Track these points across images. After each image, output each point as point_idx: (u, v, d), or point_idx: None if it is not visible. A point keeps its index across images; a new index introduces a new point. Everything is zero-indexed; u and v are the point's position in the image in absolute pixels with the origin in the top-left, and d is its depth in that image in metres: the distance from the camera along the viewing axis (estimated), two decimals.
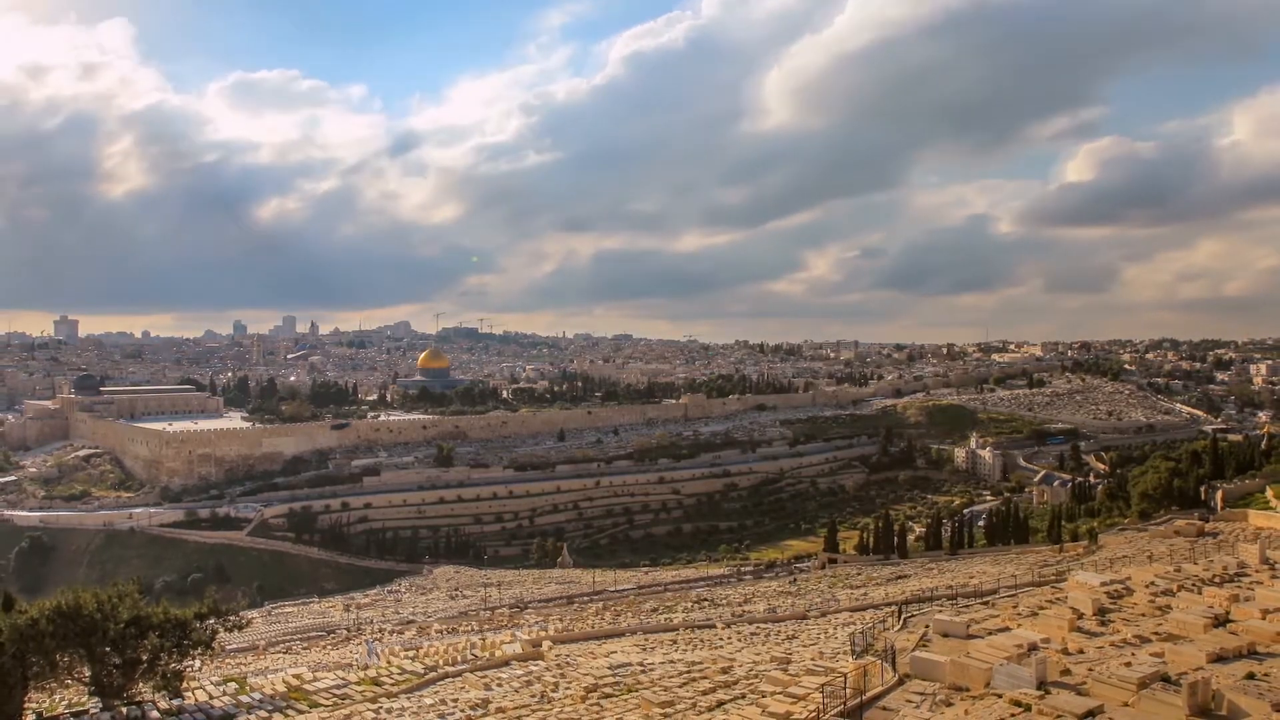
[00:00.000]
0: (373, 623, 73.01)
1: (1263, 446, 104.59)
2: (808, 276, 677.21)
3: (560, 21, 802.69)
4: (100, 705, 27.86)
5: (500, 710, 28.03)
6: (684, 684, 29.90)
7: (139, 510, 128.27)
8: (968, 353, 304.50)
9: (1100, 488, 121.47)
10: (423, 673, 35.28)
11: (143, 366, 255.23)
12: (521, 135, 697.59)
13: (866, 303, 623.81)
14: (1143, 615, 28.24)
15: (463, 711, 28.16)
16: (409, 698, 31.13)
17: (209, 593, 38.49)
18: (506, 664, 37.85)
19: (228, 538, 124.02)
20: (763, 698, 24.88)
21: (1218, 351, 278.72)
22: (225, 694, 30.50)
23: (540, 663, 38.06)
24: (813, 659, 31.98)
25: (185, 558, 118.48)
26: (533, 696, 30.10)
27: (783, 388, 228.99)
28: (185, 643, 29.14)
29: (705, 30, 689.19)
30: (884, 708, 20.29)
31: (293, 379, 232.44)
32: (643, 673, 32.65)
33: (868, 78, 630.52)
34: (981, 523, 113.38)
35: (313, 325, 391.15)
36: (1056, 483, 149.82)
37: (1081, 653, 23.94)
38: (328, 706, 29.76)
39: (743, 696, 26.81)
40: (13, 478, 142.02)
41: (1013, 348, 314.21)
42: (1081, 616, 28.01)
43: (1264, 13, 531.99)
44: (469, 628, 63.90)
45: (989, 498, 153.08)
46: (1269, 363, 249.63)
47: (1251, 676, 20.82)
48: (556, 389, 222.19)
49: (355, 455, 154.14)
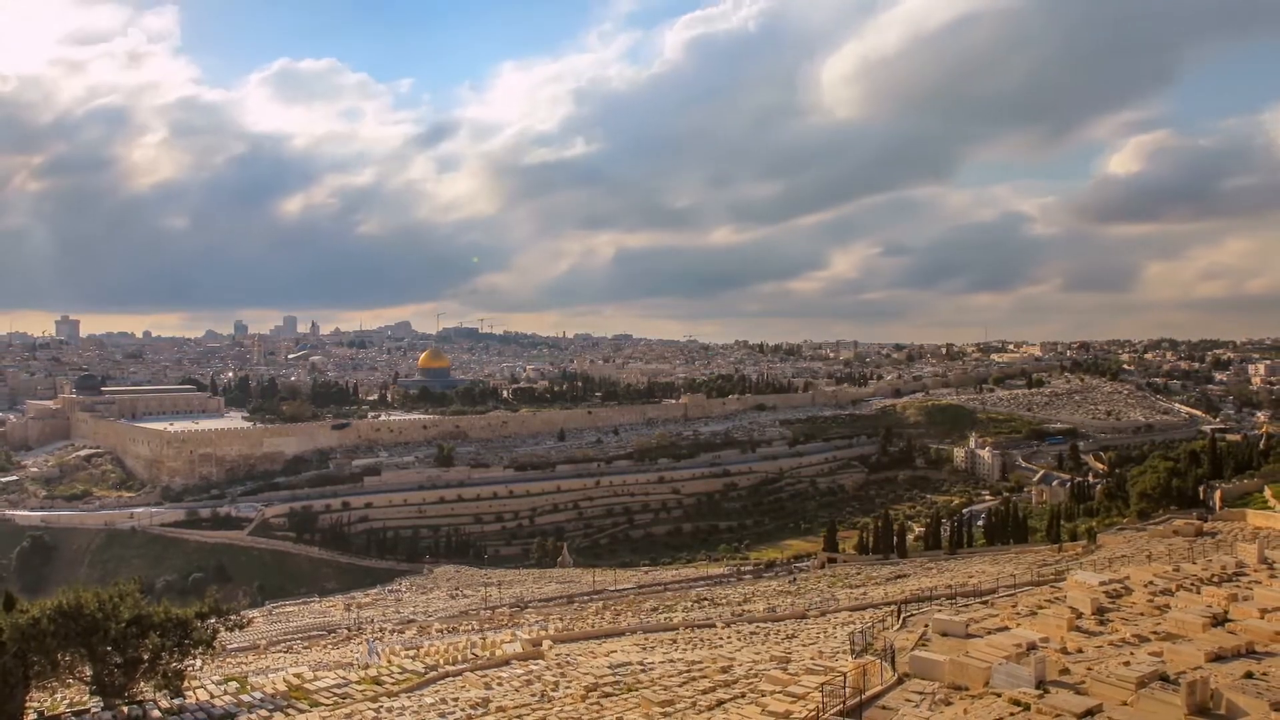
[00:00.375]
0: (373, 622, 73.02)
1: (1261, 446, 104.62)
2: (827, 275, 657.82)
3: (627, 9, 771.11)
4: (101, 704, 27.89)
5: (500, 709, 28.09)
6: (684, 683, 29.95)
7: (140, 510, 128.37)
8: (967, 353, 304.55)
9: (1099, 487, 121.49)
10: (423, 672, 35.32)
11: (144, 366, 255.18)
12: (564, 127, 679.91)
13: (880, 302, 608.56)
14: (1141, 615, 28.29)
15: (463, 710, 28.22)
16: (409, 697, 31.17)
17: (210, 592, 38.59)
18: (507, 663, 37.90)
19: (229, 537, 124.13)
20: (762, 697, 24.94)
21: (1216, 351, 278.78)
22: (226, 693, 30.54)
23: (540, 662, 38.11)
24: (812, 658, 32.04)
25: (186, 557, 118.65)
26: (533, 696, 30.15)
27: (782, 388, 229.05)
28: (186, 642, 29.15)
29: (771, 13, 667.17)
30: (883, 707, 20.34)
31: (293, 379, 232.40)
32: (643, 672, 32.69)
33: (927, 65, 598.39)
34: (980, 522, 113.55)
35: (313, 325, 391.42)
36: (1055, 482, 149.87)
37: (1080, 652, 23.98)
38: (328, 706, 29.80)
39: (742, 696, 26.86)
40: (14, 477, 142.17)
41: (1011, 348, 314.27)
42: (1080, 616, 28.03)
43: None
44: (469, 627, 63.94)
45: (988, 497, 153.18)
46: (1267, 363, 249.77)
47: (1250, 676, 20.83)
48: (557, 389, 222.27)
49: (356, 455, 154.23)
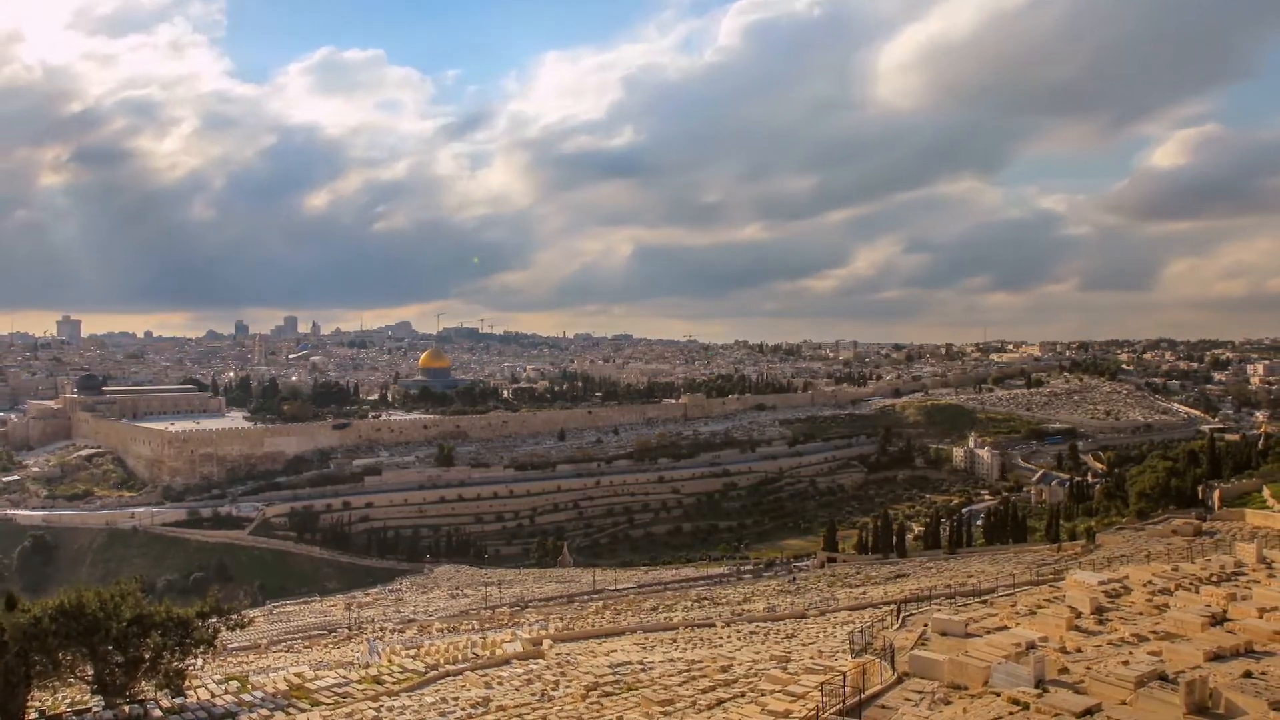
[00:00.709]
0: (374, 621, 73.08)
1: (1260, 446, 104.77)
2: (844, 273, 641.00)
3: None
4: (103, 704, 27.95)
5: (501, 708, 28.15)
6: (684, 682, 30.02)
7: (141, 509, 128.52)
8: (966, 353, 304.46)
9: (1098, 487, 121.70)
10: (424, 671, 35.37)
11: (145, 366, 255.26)
12: (609, 117, 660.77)
13: (894, 300, 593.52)
14: (1140, 614, 28.33)
15: (463, 710, 28.27)
16: (410, 696, 31.22)
17: (211, 591, 38.67)
18: (507, 662, 37.92)
19: (230, 537, 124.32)
20: (762, 696, 25.01)
21: (1215, 351, 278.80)
22: (227, 692, 30.60)
23: (541, 661, 38.15)
24: (812, 657, 32.09)
25: (187, 557, 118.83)
26: (533, 695, 30.20)
27: (782, 388, 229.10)
28: (187, 641, 29.19)
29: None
30: (883, 706, 20.38)
31: (294, 379, 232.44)
32: (643, 671, 32.75)
33: (986, 54, 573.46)
34: (980, 522, 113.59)
35: (314, 325, 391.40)
36: (1054, 482, 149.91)
37: (1079, 651, 24.01)
38: (329, 705, 29.85)
39: (742, 695, 26.93)
40: (16, 477, 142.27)
41: (1011, 348, 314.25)
42: (1079, 615, 28.06)
43: None
44: (470, 626, 63.95)
45: (987, 497, 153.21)
46: (1266, 363, 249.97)
47: (1249, 675, 20.85)
48: (557, 389, 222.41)
49: (356, 455, 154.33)
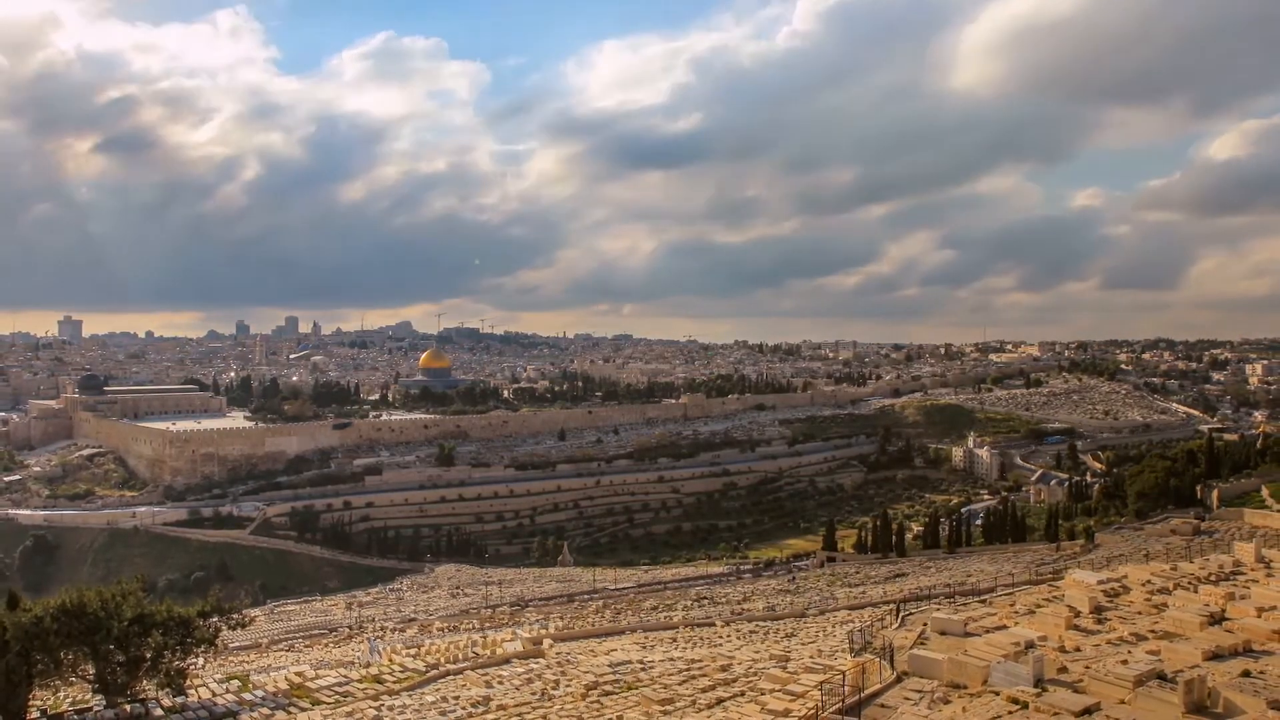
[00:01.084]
0: (375, 621, 73.21)
1: (1258, 446, 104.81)
2: (866, 271, 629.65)
3: None
4: (104, 703, 28.08)
5: (501, 707, 28.23)
6: (683, 681, 30.11)
7: (142, 509, 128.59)
8: (965, 353, 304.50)
9: (1097, 487, 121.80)
10: (424, 670, 35.48)
11: (146, 366, 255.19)
12: (669, 104, 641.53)
13: (912, 299, 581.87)
14: (1139, 613, 28.38)
15: (464, 709, 28.36)
16: (410, 695, 31.32)
17: (212, 591, 38.85)
18: (507, 662, 38.03)
19: (231, 536, 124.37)
20: (762, 695, 25.10)
21: (1214, 351, 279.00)
22: (228, 691, 30.71)
23: (541, 660, 38.24)
24: (811, 657, 32.19)
25: (188, 556, 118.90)
26: (533, 694, 30.29)
27: (781, 387, 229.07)
28: (189, 640, 29.34)
29: None
30: (882, 705, 20.44)
31: (295, 379, 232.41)
32: (643, 670, 32.84)
33: (1065, 40, 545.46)
34: (979, 521, 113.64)
35: (315, 325, 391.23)
36: (1054, 482, 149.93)
37: (1078, 650, 24.07)
38: (330, 704, 29.95)
39: (742, 694, 27.02)
40: (17, 477, 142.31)
41: (1010, 348, 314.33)
42: (1078, 614, 28.11)
43: None
44: (470, 626, 64.06)
45: (986, 497, 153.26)
46: (1264, 363, 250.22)
47: (1247, 674, 20.89)
48: (557, 389, 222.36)
49: (357, 454, 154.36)
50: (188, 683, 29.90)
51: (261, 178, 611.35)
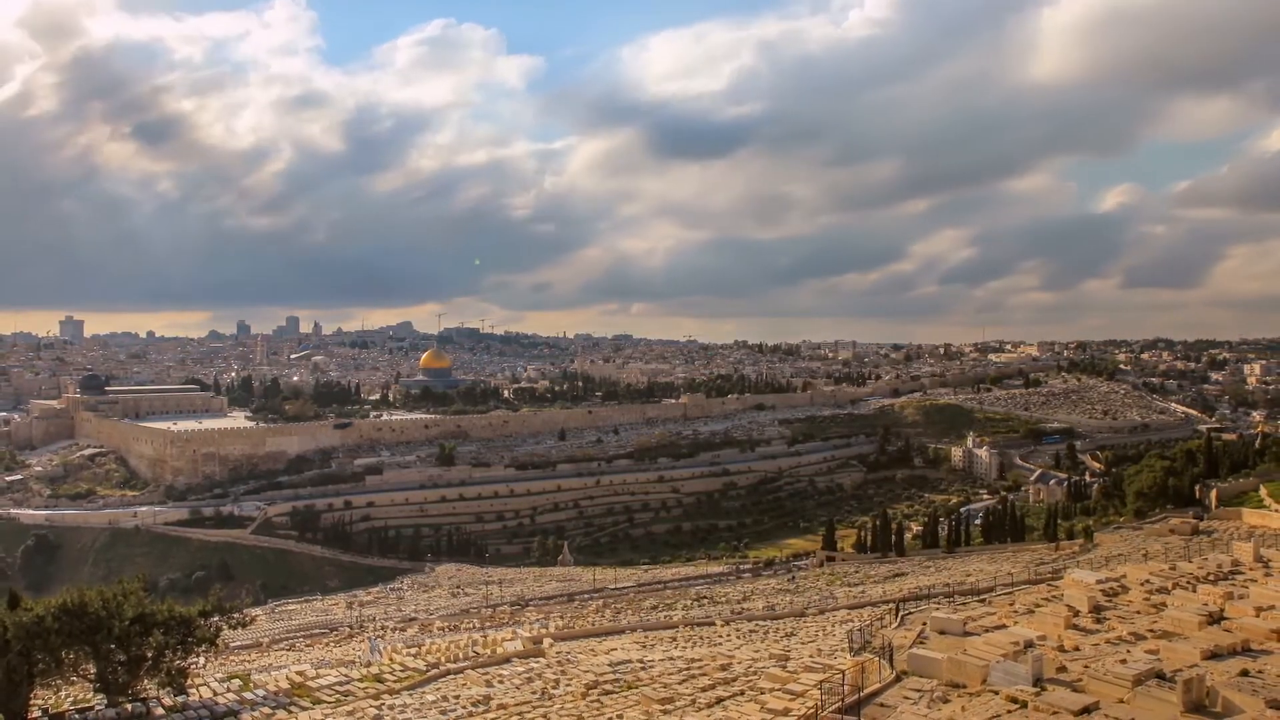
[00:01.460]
0: (375, 620, 73.26)
1: (1256, 446, 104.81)
2: (885, 270, 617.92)
3: None
4: (105, 702, 28.12)
5: (501, 707, 28.29)
6: (683, 681, 30.17)
7: (144, 509, 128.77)
8: (965, 353, 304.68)
9: (1096, 486, 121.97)
10: (425, 670, 35.53)
11: (147, 366, 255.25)
12: (715, 98, 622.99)
13: (928, 298, 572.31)
14: (1138, 613, 28.44)
15: (464, 708, 28.41)
16: (411, 694, 31.37)
17: (213, 590, 38.90)
18: (508, 661, 38.08)
19: (232, 536, 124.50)
20: (761, 694, 25.15)
21: (1212, 351, 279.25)
22: (229, 690, 30.75)
23: (541, 660, 38.30)
24: (811, 656, 32.26)
25: (190, 556, 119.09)
26: (534, 693, 30.34)
27: (781, 387, 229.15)
28: (190, 640, 29.41)
29: None
30: (882, 704, 20.48)
31: (296, 379, 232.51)
32: (643, 669, 32.90)
33: (1139, 25, 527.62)
34: (978, 521, 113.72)
35: (316, 325, 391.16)
36: (1052, 481, 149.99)
37: (1077, 650, 24.12)
38: (331, 703, 30.00)
39: (742, 693, 27.08)
40: (19, 476, 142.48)
41: (1009, 348, 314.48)
42: (1077, 614, 28.17)
43: None
44: (470, 625, 64.13)
45: (986, 496, 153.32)
46: (1263, 363, 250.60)
47: (1245, 673, 20.94)
48: (557, 389, 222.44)
49: (358, 454, 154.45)
50: (189, 682, 29.96)
51: (290, 170, 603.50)
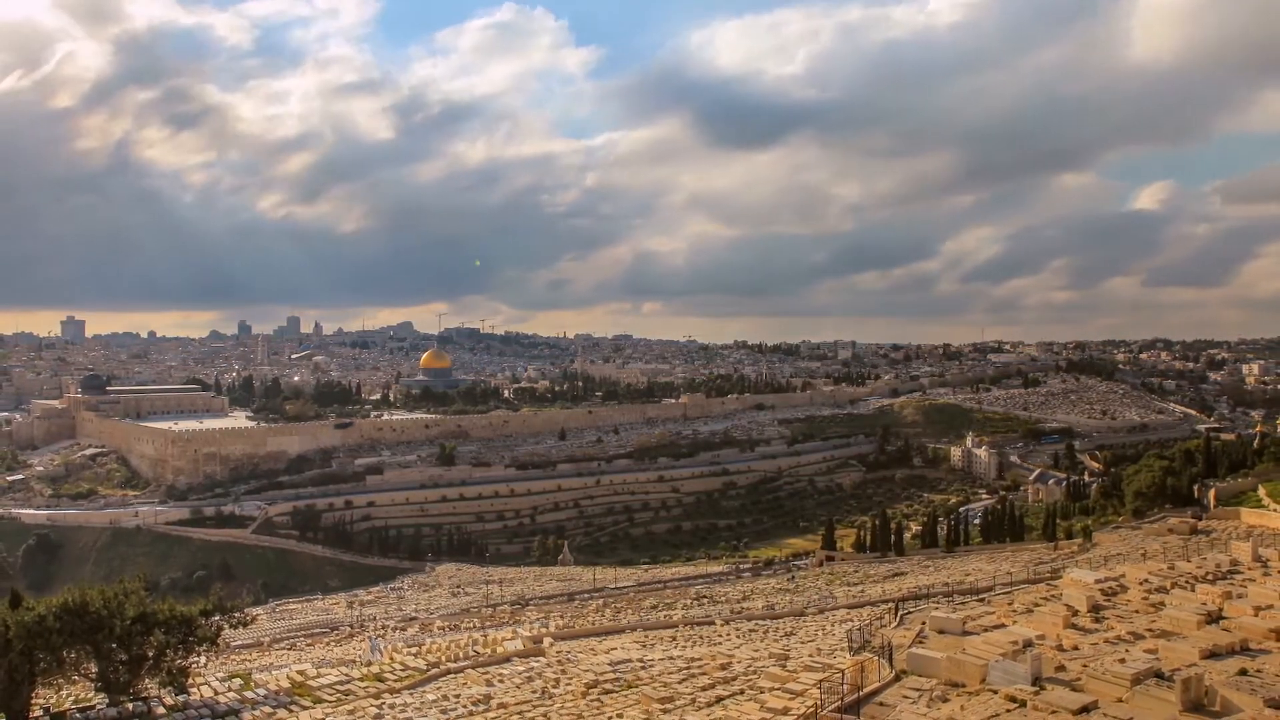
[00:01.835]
0: (376, 620, 73.33)
1: (1255, 445, 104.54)
2: (919, 267, 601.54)
3: None
4: (107, 701, 28.18)
5: (502, 706, 28.36)
6: (683, 680, 30.24)
7: (145, 508, 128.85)
8: (964, 353, 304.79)
9: (1094, 486, 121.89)
10: (425, 669, 35.59)
11: (148, 366, 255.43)
12: (793, 76, 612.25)
13: (946, 297, 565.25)
14: (1136, 612, 28.50)
15: (465, 707, 28.49)
16: (412, 694, 31.44)
17: (214, 590, 38.99)
18: (508, 660, 38.16)
19: (232, 535, 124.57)
20: (761, 693, 25.20)
21: (1211, 351, 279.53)
22: (230, 690, 30.80)
23: (541, 659, 38.38)
24: (810, 655, 32.32)
25: (191, 555, 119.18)
26: (534, 692, 30.42)
27: (781, 387, 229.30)
28: (191, 639, 29.48)
29: None
30: (881, 703, 20.53)
31: (297, 379, 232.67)
32: (643, 669, 32.97)
33: (1229, 12, 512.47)
34: (977, 521, 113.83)
35: (316, 325, 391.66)
36: (1051, 481, 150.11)
37: (1076, 649, 24.16)
38: (331, 702, 30.06)
39: (741, 692, 27.16)
40: (20, 476, 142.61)
41: (1008, 348, 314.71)
42: (1076, 613, 28.22)
43: None
44: (471, 624, 64.22)
45: (985, 496, 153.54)
46: (1261, 362, 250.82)
47: (1244, 673, 20.96)
48: (558, 389, 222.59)
49: (359, 454, 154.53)
50: (190, 681, 30.04)
51: (324, 161, 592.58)
